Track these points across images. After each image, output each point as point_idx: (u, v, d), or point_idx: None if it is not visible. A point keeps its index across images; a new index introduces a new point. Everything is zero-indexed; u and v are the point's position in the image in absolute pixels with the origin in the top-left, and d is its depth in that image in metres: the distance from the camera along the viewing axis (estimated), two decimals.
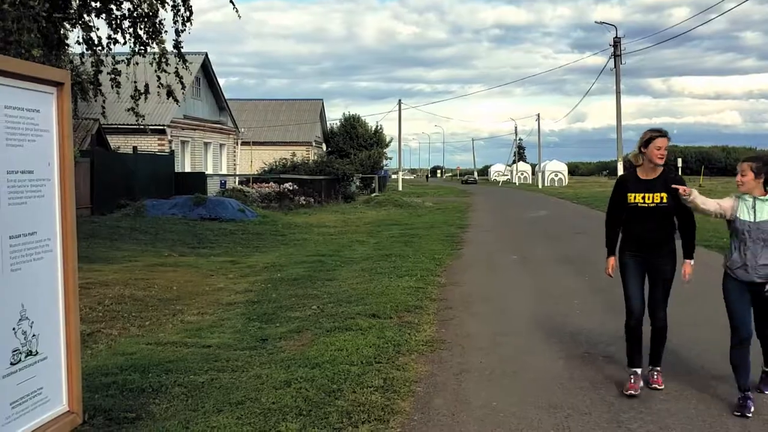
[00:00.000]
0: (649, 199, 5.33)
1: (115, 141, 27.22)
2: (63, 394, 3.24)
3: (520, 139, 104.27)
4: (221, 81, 35.13)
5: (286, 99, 57.28)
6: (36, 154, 3.06)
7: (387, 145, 56.50)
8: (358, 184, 43.10)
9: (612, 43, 39.50)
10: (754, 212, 4.93)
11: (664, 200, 5.29)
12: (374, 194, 41.01)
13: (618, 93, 39.64)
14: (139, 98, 12.54)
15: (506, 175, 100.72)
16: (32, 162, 3.04)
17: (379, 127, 56.30)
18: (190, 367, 5.80)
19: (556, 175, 76.61)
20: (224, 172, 35.00)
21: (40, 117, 3.10)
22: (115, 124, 25.93)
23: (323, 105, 56.02)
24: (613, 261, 5.66)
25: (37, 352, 3.05)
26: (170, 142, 28.99)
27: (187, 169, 30.74)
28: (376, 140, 54.07)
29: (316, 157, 43.73)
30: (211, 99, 34.86)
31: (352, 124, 53.80)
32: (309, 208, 29.26)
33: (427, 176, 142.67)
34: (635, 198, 5.37)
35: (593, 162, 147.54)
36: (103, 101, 12.54)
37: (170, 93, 12.61)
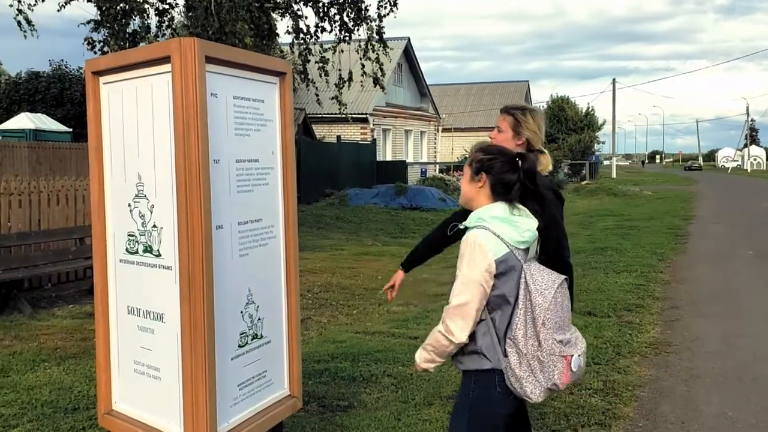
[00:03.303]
0: None
1: (319, 130, 28.74)
2: (285, 378, 3.47)
3: (752, 120, 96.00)
4: (422, 66, 35.82)
5: (489, 82, 57.07)
6: (261, 143, 3.30)
7: (599, 129, 54.55)
8: (566, 171, 42.02)
9: None
10: None
11: None
12: (585, 182, 39.81)
13: None
14: (343, 86, 13.09)
15: (736, 160, 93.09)
16: (258, 151, 3.27)
17: (590, 109, 54.48)
18: (399, 358, 5.98)
19: None
20: (425, 160, 35.70)
21: (265, 107, 3.32)
22: (320, 114, 27.36)
23: (529, 87, 55.21)
24: (401, 275, 4.18)
25: (261, 336, 3.29)
26: (372, 130, 30.05)
27: (388, 158, 31.73)
28: (586, 123, 52.36)
29: None
30: (413, 85, 35.63)
31: (560, 106, 52.49)
32: None
33: (642, 162, 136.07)
34: None
35: None
36: (316, 90, 13.24)
37: (376, 80, 13.04)
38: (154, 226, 3.05)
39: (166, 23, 12.51)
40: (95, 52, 12.65)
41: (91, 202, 3.34)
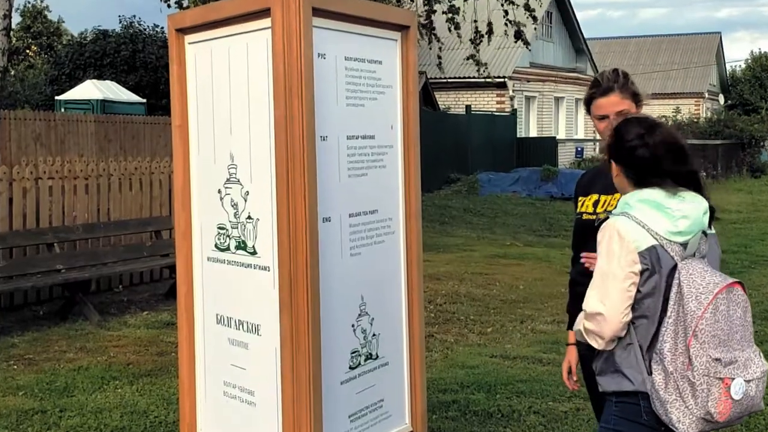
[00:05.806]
0: (601, 206, 3.47)
1: (443, 99, 28.71)
2: (405, 409, 3.51)
3: None
4: (578, 15, 35.20)
5: (667, 34, 55.43)
6: (378, 116, 3.34)
7: None
8: None
9: None
10: None
11: None
12: None
13: None
14: (481, 42, 13.02)
15: None
16: (373, 125, 3.32)
17: None
18: (548, 391, 5.94)
19: None
20: (581, 136, 35.10)
21: (383, 70, 3.36)
22: (444, 78, 27.36)
23: (720, 41, 53.22)
24: (574, 352, 3.58)
25: (377, 356, 3.35)
26: (512, 98, 29.79)
27: (533, 134, 31.39)
28: None
29: (709, 114, 41.82)
30: (566, 40, 35.06)
31: (763, 65, 50.45)
32: None
33: None
34: (583, 205, 3.59)
35: None
36: (439, 48, 13.24)
37: (518, 34, 12.91)
38: (249, 217, 3.15)
39: None
40: (169, 6, 13.14)
41: (174, 187, 3.49)
